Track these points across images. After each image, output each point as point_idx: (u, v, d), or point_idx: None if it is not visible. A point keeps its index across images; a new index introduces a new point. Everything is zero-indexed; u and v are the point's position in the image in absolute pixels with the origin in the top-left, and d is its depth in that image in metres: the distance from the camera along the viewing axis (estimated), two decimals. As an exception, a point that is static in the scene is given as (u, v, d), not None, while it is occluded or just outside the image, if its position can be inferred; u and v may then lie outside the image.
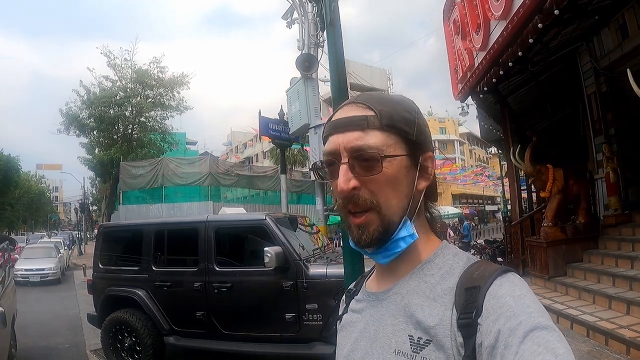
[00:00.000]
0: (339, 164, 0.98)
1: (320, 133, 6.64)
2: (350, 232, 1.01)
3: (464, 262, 1.00)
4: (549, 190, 9.55)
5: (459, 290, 0.92)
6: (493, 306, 0.85)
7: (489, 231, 40.30)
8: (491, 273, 0.91)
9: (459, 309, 0.89)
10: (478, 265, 0.97)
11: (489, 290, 0.88)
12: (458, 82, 12.14)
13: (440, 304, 0.93)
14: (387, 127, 0.98)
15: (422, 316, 0.93)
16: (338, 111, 1.05)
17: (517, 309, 0.83)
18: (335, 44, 4.46)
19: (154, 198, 24.87)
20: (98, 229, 9.52)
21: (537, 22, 6.92)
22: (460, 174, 39.88)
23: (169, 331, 6.92)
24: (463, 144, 78.76)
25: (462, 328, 0.87)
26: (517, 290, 0.87)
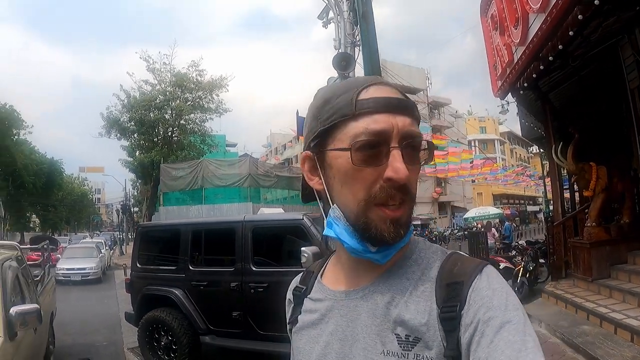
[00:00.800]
0: (388, 148, 0.89)
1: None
2: (375, 229, 0.91)
3: (439, 255, 0.99)
4: (592, 189, 9.26)
5: (439, 285, 0.92)
6: (474, 299, 0.87)
7: (530, 232, 39.58)
8: (472, 269, 0.91)
9: (439, 303, 0.90)
10: (455, 259, 0.96)
11: (472, 285, 0.89)
12: (497, 78, 11.90)
13: (424, 299, 0.92)
14: (418, 121, 0.97)
15: (408, 314, 0.91)
16: (372, 88, 0.94)
17: (495, 301, 0.85)
18: (369, 37, 4.41)
19: (194, 199, 25.23)
20: (136, 228, 9.66)
21: (577, 14, 6.68)
22: (501, 173, 39.16)
23: (205, 330, 6.95)
24: (504, 143, 77.59)
25: (445, 322, 0.87)
26: (495, 284, 0.89)
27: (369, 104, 0.90)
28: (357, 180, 0.91)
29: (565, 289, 9.45)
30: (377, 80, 0.97)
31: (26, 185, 43.87)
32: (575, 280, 9.56)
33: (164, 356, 7.19)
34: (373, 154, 0.89)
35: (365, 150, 0.89)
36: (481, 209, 37.32)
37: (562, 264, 10.56)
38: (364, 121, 0.89)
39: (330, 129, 0.93)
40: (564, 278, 10.30)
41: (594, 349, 6.18)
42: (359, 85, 0.94)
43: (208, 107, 31.98)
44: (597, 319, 7.32)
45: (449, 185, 56.34)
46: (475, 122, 71.23)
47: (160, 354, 7.22)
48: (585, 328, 7.23)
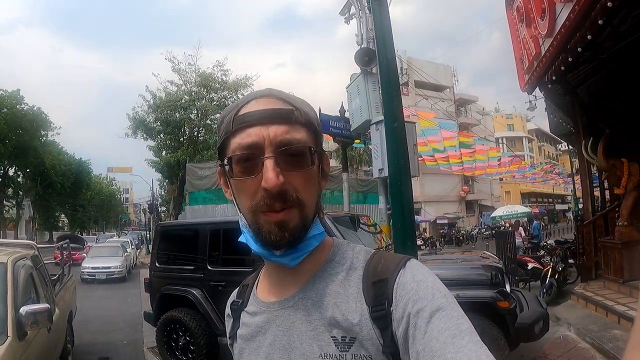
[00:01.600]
0: (261, 159, 0.93)
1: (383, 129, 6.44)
2: (265, 233, 0.95)
3: (363, 255, 1.02)
4: (623, 186, 9.04)
5: (365, 285, 0.95)
6: (400, 294, 0.89)
7: (559, 231, 38.97)
8: (395, 265, 0.95)
9: (369, 302, 0.92)
10: (379, 257, 0.99)
11: (396, 281, 0.91)
12: (524, 72, 11.63)
13: (352, 300, 0.94)
14: (308, 123, 0.99)
15: (340, 316, 0.93)
16: (251, 103, 0.99)
17: (421, 292, 0.88)
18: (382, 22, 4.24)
19: (220, 198, 25.20)
20: (155, 228, 9.65)
21: (606, 2, 6.41)
22: (529, 171, 38.47)
23: (223, 332, 6.83)
24: (532, 140, 76.61)
25: (377, 320, 0.90)
26: (419, 275, 0.92)
27: (243, 119, 0.96)
28: (242, 191, 0.97)
29: (595, 290, 9.20)
30: (261, 94, 1.00)
31: (55, 186, 44.82)
32: (605, 282, 9.32)
33: (181, 356, 7.17)
34: (249, 165, 0.94)
35: (241, 163, 0.95)
36: (509, 207, 36.83)
37: (592, 264, 10.30)
38: (239, 136, 0.95)
39: (221, 147, 1.00)
40: (594, 279, 10.05)
41: (626, 354, 5.92)
42: (241, 102, 1.01)
43: (233, 107, 32.17)
44: (629, 322, 7.03)
45: (477, 183, 55.71)
46: (502, 120, 70.41)
47: (178, 354, 7.20)
48: (616, 333, 7.01)
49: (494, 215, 37.45)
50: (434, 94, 47.19)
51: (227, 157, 0.97)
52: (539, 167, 42.06)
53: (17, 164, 39.91)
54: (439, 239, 36.08)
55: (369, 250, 1.04)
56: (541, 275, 11.23)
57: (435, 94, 48.09)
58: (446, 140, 23.71)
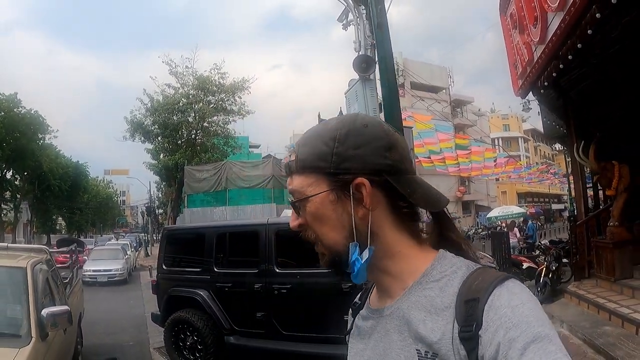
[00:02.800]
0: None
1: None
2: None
3: (463, 271, 0.98)
4: (614, 187, 9.14)
5: (459, 303, 0.92)
6: (492, 318, 0.85)
7: (555, 231, 39.11)
8: (489, 283, 0.91)
9: (460, 322, 0.90)
10: (477, 275, 0.95)
11: (488, 302, 0.88)
12: (518, 77, 11.81)
13: (441, 317, 0.93)
14: (302, 169, 1.03)
15: (424, 331, 0.93)
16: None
17: (515, 319, 0.83)
18: (384, 46, 4.44)
19: (218, 201, 25.46)
20: (162, 231, 9.83)
21: (595, 12, 6.61)
22: (525, 171, 38.76)
23: (230, 331, 7.09)
24: (527, 140, 76.68)
25: (464, 341, 0.87)
26: (516, 299, 0.87)
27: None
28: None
29: (587, 289, 9.38)
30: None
31: (52, 189, 44.61)
32: (598, 281, 9.46)
33: (189, 356, 7.36)
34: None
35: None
36: (504, 208, 36.96)
37: (585, 263, 10.43)
38: None
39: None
40: (587, 278, 10.19)
41: (615, 350, 6.14)
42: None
43: (231, 109, 32.23)
44: (619, 319, 7.26)
45: (473, 184, 55.93)
46: (498, 120, 70.51)
47: (186, 354, 7.39)
48: (606, 329, 7.18)
49: (489, 215, 37.56)
50: (430, 95, 47.41)
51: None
52: (534, 167, 42.31)
53: (15, 167, 39.76)
54: (435, 240, 36.07)
55: (471, 265, 1.00)
56: (535, 275, 11.43)
57: (431, 95, 48.31)
58: (442, 142, 23.97)
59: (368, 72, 8.73)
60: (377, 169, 1.00)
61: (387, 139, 1.02)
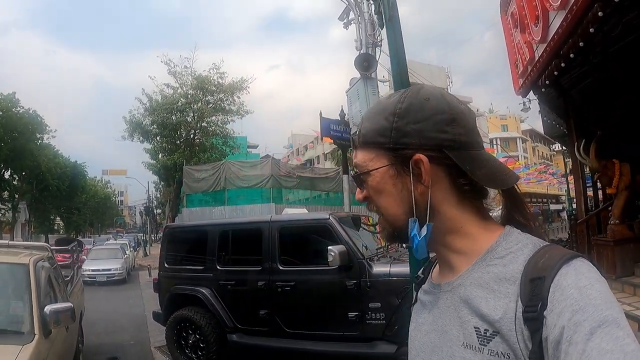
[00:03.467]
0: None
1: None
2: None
3: (530, 248, 0.94)
4: (615, 186, 9.16)
5: (524, 281, 0.89)
6: (558, 299, 0.82)
7: (553, 231, 39.08)
8: (556, 261, 0.87)
9: (524, 301, 0.86)
10: (544, 252, 0.91)
11: (554, 281, 0.84)
12: (519, 76, 11.82)
13: (504, 295, 0.90)
14: (363, 144, 1.05)
15: (486, 309, 0.91)
16: None
17: (582, 301, 0.80)
18: (396, 41, 4.38)
19: (216, 201, 25.45)
20: (164, 229, 9.80)
21: (597, 11, 6.62)
22: (524, 172, 38.77)
23: (232, 329, 7.07)
24: (525, 141, 76.66)
25: (528, 322, 0.84)
26: (584, 279, 0.83)
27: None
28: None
29: (588, 287, 9.36)
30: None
31: (50, 189, 44.55)
32: (599, 278, 9.46)
33: (191, 354, 7.32)
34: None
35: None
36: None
37: (585, 261, 10.44)
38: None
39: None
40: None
41: (618, 347, 6.12)
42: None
43: (229, 109, 32.22)
44: (621, 316, 7.25)
45: (471, 184, 55.84)
46: (496, 120, 70.48)
47: (188, 352, 7.36)
48: (608, 326, 7.16)
49: (488, 215, 37.59)
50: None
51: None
52: (533, 168, 42.33)
53: (13, 167, 39.67)
54: (434, 240, 36.06)
55: (538, 243, 0.96)
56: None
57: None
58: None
59: (369, 70, 8.75)
60: (437, 144, 0.98)
61: (450, 112, 0.99)
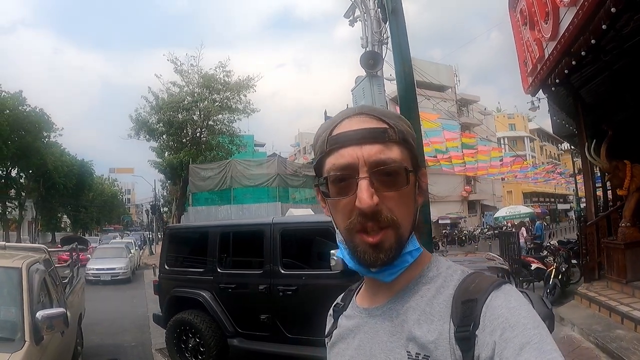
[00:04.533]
0: (355, 179, 0.94)
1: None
2: (361, 254, 0.97)
3: (458, 274, 0.99)
4: (626, 187, 9.04)
5: (455, 303, 0.92)
6: (489, 318, 0.86)
7: (561, 231, 38.97)
8: (487, 286, 0.92)
9: (456, 322, 0.90)
10: (474, 278, 0.96)
11: (486, 303, 0.88)
12: (528, 75, 11.67)
13: (437, 318, 0.93)
14: (403, 142, 0.98)
15: (420, 332, 0.93)
16: (344, 122, 1.01)
17: (512, 320, 0.84)
18: (399, 34, 4.26)
19: (222, 199, 25.41)
20: (164, 230, 9.71)
21: (609, 7, 6.47)
22: (531, 171, 38.47)
23: (233, 333, 6.94)
24: (533, 140, 76.54)
25: (460, 341, 0.87)
26: (513, 301, 0.88)
27: (337, 140, 0.97)
28: (338, 211, 0.99)
29: (598, 291, 9.24)
30: (353, 113, 1.02)
31: (57, 187, 44.71)
32: (608, 282, 9.34)
33: (191, 358, 7.21)
34: (344, 186, 0.96)
35: (337, 183, 0.97)
36: (512, 208, 36.85)
37: (595, 265, 10.32)
38: (334, 156, 0.97)
39: (317, 165, 1.03)
40: (597, 280, 10.07)
41: (629, 355, 6.01)
42: (334, 122, 1.02)
43: (236, 107, 32.06)
44: (632, 323, 7.12)
45: (479, 183, 55.67)
46: (504, 119, 70.35)
47: (188, 356, 7.24)
48: (619, 332, 7.05)
49: (497, 215, 37.46)
50: (436, 94, 47.11)
51: (323, 177, 1.00)
52: (541, 167, 42.09)
53: (20, 165, 39.86)
54: (441, 239, 36.03)
55: (466, 270, 1.01)
56: (545, 276, 11.27)
57: (437, 94, 48.02)
58: (448, 141, 23.75)
59: (375, 68, 8.60)
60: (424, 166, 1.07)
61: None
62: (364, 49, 9.08)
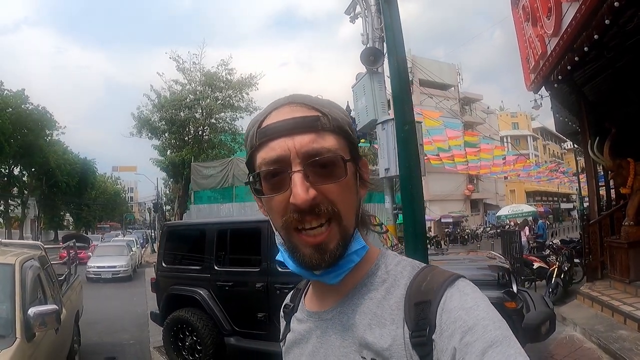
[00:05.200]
0: (289, 173, 0.87)
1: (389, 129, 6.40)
2: (300, 255, 0.90)
3: (409, 270, 0.93)
4: (629, 186, 9.00)
5: (407, 305, 0.87)
6: (446, 322, 0.80)
7: (564, 230, 38.87)
8: (440, 284, 0.86)
9: (410, 326, 0.84)
10: (425, 275, 0.90)
11: (440, 304, 0.83)
12: (530, 71, 11.61)
13: (389, 322, 0.87)
14: (338, 130, 0.92)
15: (372, 338, 0.87)
16: (272, 114, 0.92)
17: (470, 322, 0.78)
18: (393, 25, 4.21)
19: (225, 197, 25.37)
20: (162, 228, 9.68)
21: (613, 1, 6.40)
22: (534, 170, 38.41)
23: (230, 332, 6.89)
24: (536, 139, 76.47)
25: (417, 347, 0.82)
26: (470, 300, 0.82)
27: (265, 132, 0.90)
28: (272, 208, 0.92)
29: (601, 290, 9.20)
30: (282, 103, 0.94)
31: (60, 185, 44.96)
32: (611, 282, 9.31)
33: (188, 356, 7.18)
34: (277, 181, 0.88)
35: (269, 179, 0.89)
36: (514, 206, 36.82)
37: (598, 264, 10.28)
38: (264, 150, 0.90)
39: (248, 162, 0.95)
40: (600, 279, 10.04)
41: (632, 356, 5.96)
42: (263, 114, 0.94)
43: (238, 105, 32.00)
44: (635, 323, 7.08)
45: (481, 182, 55.67)
46: (507, 118, 70.24)
47: (185, 354, 7.21)
48: (622, 333, 7.01)
49: (499, 214, 37.43)
50: (439, 92, 47.09)
51: (254, 174, 0.92)
52: (544, 166, 42.03)
53: (23, 164, 40.08)
54: (444, 238, 35.98)
55: (416, 265, 0.95)
56: (547, 275, 11.20)
57: (440, 92, 47.98)
58: (451, 139, 23.73)
59: (376, 65, 8.55)
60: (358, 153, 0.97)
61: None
62: (365, 46, 9.04)
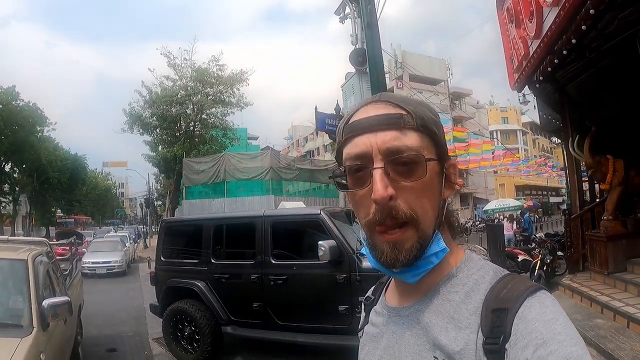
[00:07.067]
0: (370, 169, 0.88)
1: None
2: (379, 253, 0.92)
3: (490, 276, 0.92)
4: (609, 182, 9.23)
5: (485, 311, 0.86)
6: (522, 332, 0.79)
7: (553, 224, 39.20)
8: (520, 293, 0.84)
9: (485, 332, 0.83)
10: (506, 282, 0.89)
11: (518, 314, 0.81)
12: (514, 71, 11.84)
13: (465, 326, 0.87)
14: (422, 128, 0.91)
15: (446, 340, 0.87)
16: (359, 111, 0.95)
17: (547, 335, 0.77)
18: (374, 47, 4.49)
19: (216, 193, 25.51)
20: (160, 223, 9.92)
21: (589, 8, 6.65)
22: (523, 164, 38.74)
23: (227, 321, 7.21)
24: (526, 133, 76.59)
25: (489, 354, 0.81)
26: (549, 313, 0.81)
27: (352, 128, 0.92)
28: (357, 203, 0.94)
29: (581, 282, 9.47)
30: (371, 100, 0.96)
31: (51, 181, 44.57)
32: (591, 274, 9.55)
33: (187, 346, 7.47)
34: (360, 176, 0.90)
35: (352, 174, 0.92)
36: (501, 201, 37.16)
37: (579, 257, 10.53)
38: (349, 146, 0.92)
39: (336, 157, 0.98)
40: (581, 271, 10.29)
41: (605, 343, 6.23)
42: (352, 110, 0.97)
43: (229, 101, 32.09)
44: (611, 312, 7.36)
45: (471, 176, 55.83)
46: (497, 113, 70.39)
47: (184, 344, 7.51)
48: (598, 322, 7.27)
49: (486, 208, 37.73)
50: (429, 87, 47.36)
51: (341, 168, 0.94)
52: (532, 160, 42.34)
53: (14, 160, 39.73)
54: (433, 232, 36.09)
55: (499, 271, 0.93)
56: (530, 267, 11.53)
57: (430, 87, 48.25)
58: (440, 134, 23.97)
59: (364, 65, 8.80)
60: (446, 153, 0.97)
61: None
62: (353, 46, 9.28)
